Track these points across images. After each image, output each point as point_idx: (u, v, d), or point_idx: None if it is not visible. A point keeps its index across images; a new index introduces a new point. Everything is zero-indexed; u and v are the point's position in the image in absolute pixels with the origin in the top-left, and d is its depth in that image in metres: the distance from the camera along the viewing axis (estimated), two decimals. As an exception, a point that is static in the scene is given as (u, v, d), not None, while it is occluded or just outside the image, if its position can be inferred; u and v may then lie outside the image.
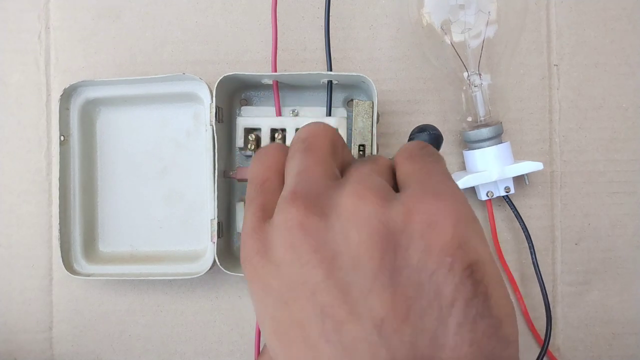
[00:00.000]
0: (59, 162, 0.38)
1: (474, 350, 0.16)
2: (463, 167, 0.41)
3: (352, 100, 0.38)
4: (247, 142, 0.38)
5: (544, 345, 0.39)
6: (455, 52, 0.38)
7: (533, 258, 0.39)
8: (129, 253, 0.40)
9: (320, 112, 0.39)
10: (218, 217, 0.37)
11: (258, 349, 0.38)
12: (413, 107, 0.41)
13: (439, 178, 0.20)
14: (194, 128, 0.40)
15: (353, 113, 0.37)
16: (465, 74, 0.38)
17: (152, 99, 0.40)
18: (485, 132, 0.38)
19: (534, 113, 0.41)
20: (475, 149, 0.38)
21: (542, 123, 0.41)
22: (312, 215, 0.19)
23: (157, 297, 0.42)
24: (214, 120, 0.36)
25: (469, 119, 0.39)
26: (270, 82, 0.38)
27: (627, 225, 0.41)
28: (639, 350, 0.41)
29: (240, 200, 0.39)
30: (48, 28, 0.42)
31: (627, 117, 0.41)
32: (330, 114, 0.38)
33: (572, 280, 0.41)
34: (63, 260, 0.38)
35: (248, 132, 0.38)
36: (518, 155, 0.41)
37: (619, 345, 0.41)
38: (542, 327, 0.40)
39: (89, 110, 0.40)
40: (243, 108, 0.40)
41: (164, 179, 0.41)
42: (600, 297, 0.41)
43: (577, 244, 0.41)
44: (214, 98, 0.36)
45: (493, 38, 0.38)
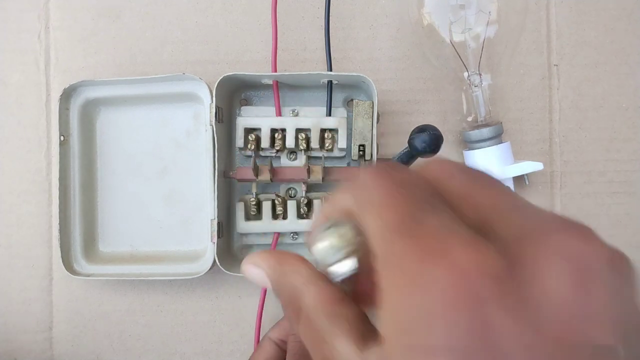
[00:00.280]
0: (59, 162, 0.38)
1: None
2: (463, 167, 0.41)
3: (352, 100, 0.38)
4: (247, 142, 0.38)
5: None
6: (456, 52, 0.38)
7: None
8: (129, 253, 0.40)
9: (320, 112, 0.39)
10: (218, 217, 0.37)
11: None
12: (413, 107, 0.41)
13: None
14: (194, 128, 0.40)
15: (353, 113, 0.37)
16: (466, 74, 0.38)
17: (152, 99, 0.40)
18: (486, 132, 0.38)
19: (534, 113, 0.41)
20: (476, 149, 0.38)
21: (542, 123, 0.41)
22: None
23: (157, 297, 0.42)
24: (214, 120, 0.36)
25: (469, 119, 0.39)
26: (270, 82, 0.38)
27: (627, 225, 0.41)
28: (639, 350, 0.41)
29: (240, 201, 0.39)
30: (48, 28, 0.42)
31: (627, 117, 0.41)
32: (330, 114, 0.38)
33: (572, 280, 0.41)
34: (63, 260, 0.38)
35: (248, 132, 0.38)
36: (518, 155, 0.41)
37: (619, 345, 0.41)
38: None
39: (89, 110, 0.40)
40: (243, 108, 0.40)
41: (164, 179, 0.41)
42: (600, 297, 0.41)
43: (577, 244, 0.41)
44: (214, 98, 0.36)
45: (493, 38, 0.38)
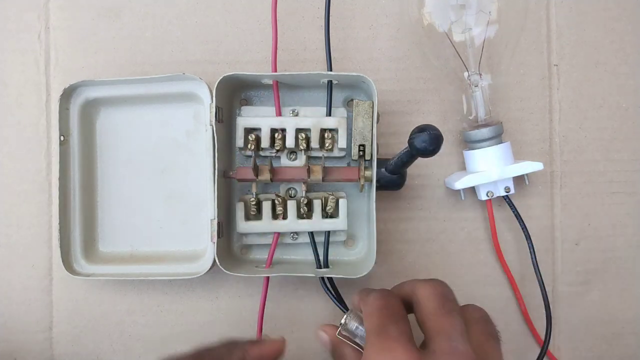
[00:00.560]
0: (59, 162, 0.38)
1: None
2: (463, 167, 0.41)
3: (352, 100, 0.38)
4: (247, 142, 0.38)
5: (544, 346, 0.39)
6: (456, 52, 0.38)
7: (533, 258, 0.39)
8: (129, 253, 0.40)
9: (320, 112, 0.39)
10: (218, 217, 0.37)
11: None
12: (413, 107, 0.41)
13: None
14: (194, 128, 0.40)
15: (353, 113, 0.37)
16: (466, 74, 0.38)
17: (152, 99, 0.40)
18: (486, 132, 0.38)
19: (534, 113, 0.41)
20: (476, 149, 0.38)
21: (542, 123, 0.41)
22: None
23: (157, 297, 0.42)
24: (214, 120, 0.36)
25: (470, 119, 0.39)
26: (270, 82, 0.38)
27: (627, 225, 0.41)
28: (639, 350, 0.41)
29: (240, 201, 0.39)
30: (48, 28, 0.42)
31: (627, 117, 0.41)
32: (330, 114, 0.38)
33: (572, 281, 0.41)
34: (63, 260, 0.38)
35: (248, 132, 0.38)
36: (518, 155, 0.41)
37: (619, 345, 0.41)
38: (542, 327, 0.40)
39: (89, 110, 0.40)
40: (243, 108, 0.40)
41: (164, 179, 0.41)
42: (600, 297, 0.41)
43: (577, 244, 0.41)
44: (214, 98, 0.36)
45: (494, 38, 0.38)
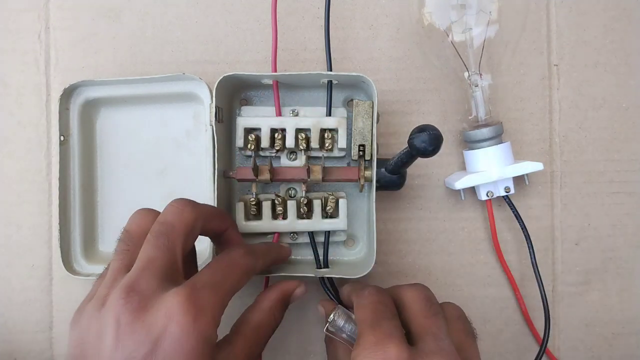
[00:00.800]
0: (59, 162, 0.38)
1: None
2: (463, 167, 0.41)
3: (352, 100, 0.38)
4: (247, 142, 0.38)
5: (543, 345, 0.39)
6: (456, 52, 0.38)
7: (532, 258, 0.39)
8: (129, 253, 0.40)
9: (320, 112, 0.39)
10: (218, 217, 0.37)
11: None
12: (413, 107, 0.41)
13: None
14: (194, 128, 0.40)
15: (353, 113, 0.37)
16: (466, 74, 0.38)
17: (152, 99, 0.40)
18: (486, 132, 0.38)
19: (534, 113, 0.41)
20: (476, 149, 0.38)
21: (542, 123, 0.41)
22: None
23: (157, 297, 0.42)
24: (214, 120, 0.36)
25: (470, 119, 0.39)
26: (270, 82, 0.38)
27: (627, 225, 0.41)
28: (639, 350, 0.41)
29: (240, 201, 0.39)
30: (48, 28, 0.42)
31: (627, 117, 0.41)
32: (330, 114, 0.38)
33: (572, 280, 0.41)
34: (63, 260, 0.38)
35: (248, 132, 0.38)
36: (518, 155, 0.41)
37: (619, 345, 0.41)
38: (542, 327, 0.40)
39: (89, 110, 0.40)
40: (243, 108, 0.40)
41: (164, 179, 0.41)
42: (600, 297, 0.41)
43: (577, 244, 0.41)
44: (214, 98, 0.36)
45: (494, 38, 0.38)
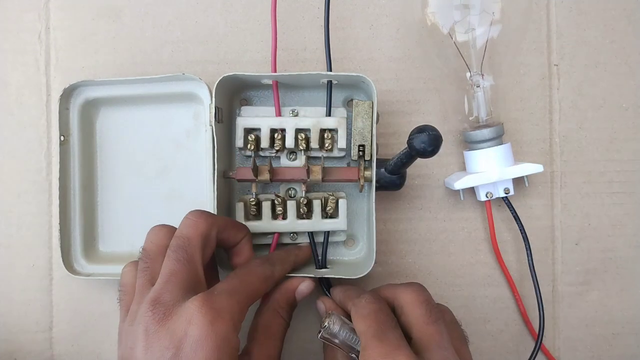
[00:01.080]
0: (59, 162, 0.38)
1: None
2: (463, 167, 0.41)
3: (352, 100, 0.38)
4: (246, 142, 0.38)
5: (538, 339, 0.39)
6: (459, 52, 0.38)
7: (529, 259, 0.39)
8: (129, 253, 0.40)
9: (320, 112, 0.39)
10: (218, 217, 0.37)
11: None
12: (413, 107, 0.41)
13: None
14: (194, 128, 0.40)
15: (353, 113, 0.37)
16: (468, 74, 0.38)
17: (152, 99, 0.40)
18: (487, 132, 0.38)
19: (534, 113, 0.41)
20: (476, 150, 0.38)
21: (542, 123, 0.41)
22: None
23: (157, 297, 0.42)
24: (214, 121, 0.36)
25: (471, 119, 0.39)
26: (270, 82, 0.38)
27: (627, 225, 0.41)
28: (639, 350, 0.41)
29: (240, 201, 0.39)
30: (48, 28, 0.42)
31: (627, 117, 0.41)
32: (330, 114, 0.38)
33: (572, 280, 0.41)
34: (63, 260, 0.38)
35: (248, 132, 0.38)
36: (518, 155, 0.41)
37: (619, 345, 0.41)
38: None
39: (89, 110, 0.40)
40: (243, 108, 0.40)
41: (164, 179, 0.41)
42: (600, 297, 0.41)
43: (577, 244, 0.41)
44: (214, 98, 0.36)
45: (497, 38, 0.38)
